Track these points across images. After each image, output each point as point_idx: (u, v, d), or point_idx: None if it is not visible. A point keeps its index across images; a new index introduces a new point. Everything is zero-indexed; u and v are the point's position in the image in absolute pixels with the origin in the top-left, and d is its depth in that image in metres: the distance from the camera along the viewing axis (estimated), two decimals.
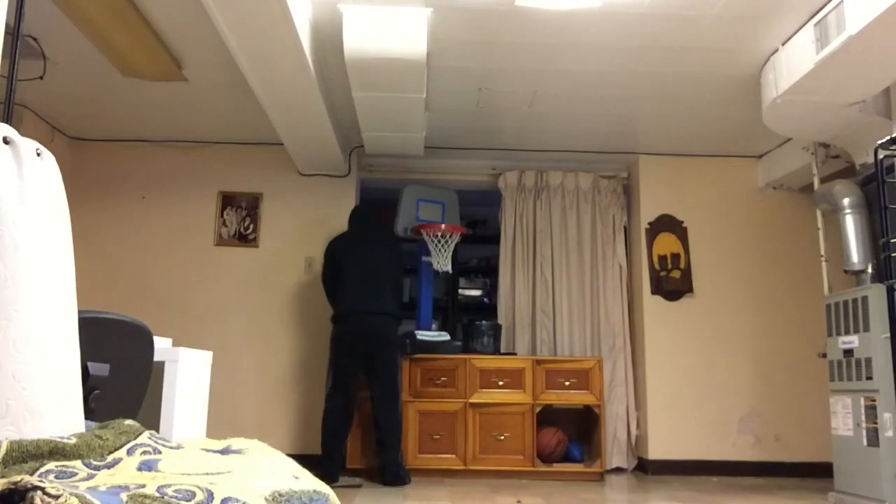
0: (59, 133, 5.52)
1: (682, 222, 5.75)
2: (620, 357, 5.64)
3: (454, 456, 4.96)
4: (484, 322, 5.36)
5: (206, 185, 5.69)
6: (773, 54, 4.09)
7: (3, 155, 1.16)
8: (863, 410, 3.92)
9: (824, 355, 4.36)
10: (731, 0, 3.59)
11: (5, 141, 1.18)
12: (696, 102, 4.83)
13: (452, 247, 5.43)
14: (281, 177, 5.69)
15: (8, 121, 1.78)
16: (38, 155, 1.23)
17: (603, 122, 5.25)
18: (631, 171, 5.98)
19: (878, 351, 3.83)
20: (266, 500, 0.97)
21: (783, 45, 3.97)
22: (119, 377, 2.34)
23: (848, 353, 4.08)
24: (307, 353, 5.49)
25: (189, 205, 5.69)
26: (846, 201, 4.37)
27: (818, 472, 4.89)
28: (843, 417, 4.09)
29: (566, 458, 5.11)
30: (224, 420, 4.46)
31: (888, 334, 3.74)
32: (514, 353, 5.46)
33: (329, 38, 3.92)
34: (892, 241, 3.77)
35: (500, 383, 5.06)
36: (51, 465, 1.01)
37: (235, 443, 1.24)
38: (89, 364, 2.21)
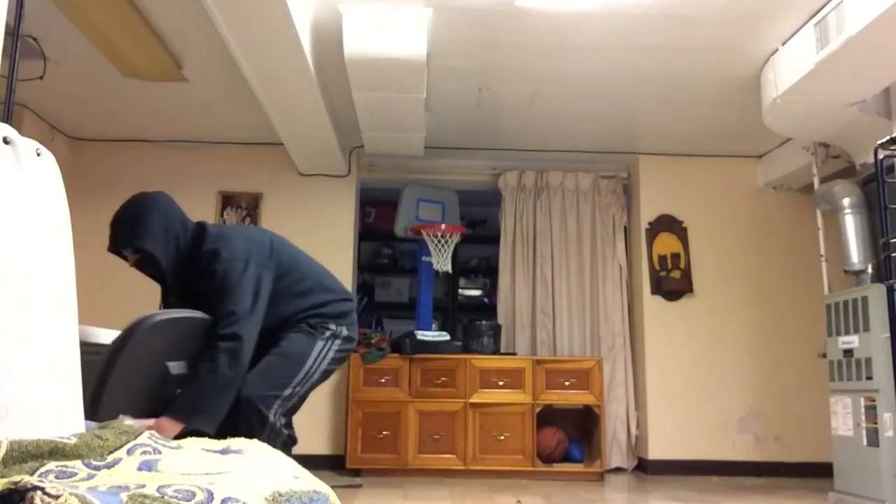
0: (59, 133, 5.51)
1: (682, 222, 5.75)
2: (620, 357, 5.63)
3: (454, 456, 4.96)
4: (484, 322, 5.36)
5: (206, 185, 5.68)
6: (773, 54, 4.09)
7: (3, 155, 1.16)
8: (863, 410, 3.91)
9: (824, 355, 4.35)
10: (731, 0, 3.59)
11: (5, 141, 1.18)
12: (696, 102, 4.83)
13: (452, 247, 5.43)
14: (281, 177, 5.68)
15: (8, 121, 1.78)
16: (38, 155, 1.23)
17: (603, 122, 5.25)
18: (631, 171, 5.98)
19: (878, 351, 3.82)
20: (266, 500, 0.97)
21: (783, 45, 3.97)
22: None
23: (848, 353, 4.08)
24: None
25: (189, 205, 5.58)
26: (846, 201, 4.37)
27: (818, 472, 4.89)
28: (843, 417, 4.09)
29: (566, 458, 5.10)
30: None
31: (888, 334, 3.74)
32: (514, 353, 5.45)
33: (329, 38, 3.91)
34: (892, 241, 3.77)
35: (500, 383, 5.05)
36: (51, 465, 1.01)
37: (235, 443, 1.24)
38: (168, 364, 2.29)
